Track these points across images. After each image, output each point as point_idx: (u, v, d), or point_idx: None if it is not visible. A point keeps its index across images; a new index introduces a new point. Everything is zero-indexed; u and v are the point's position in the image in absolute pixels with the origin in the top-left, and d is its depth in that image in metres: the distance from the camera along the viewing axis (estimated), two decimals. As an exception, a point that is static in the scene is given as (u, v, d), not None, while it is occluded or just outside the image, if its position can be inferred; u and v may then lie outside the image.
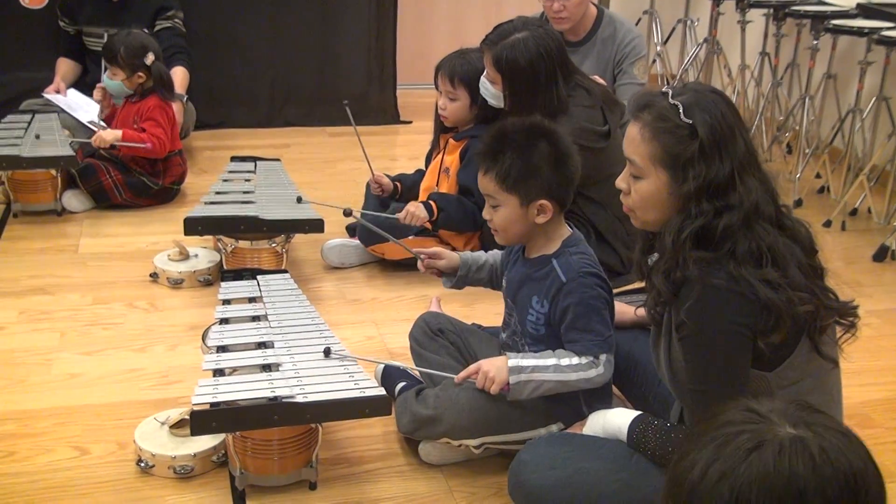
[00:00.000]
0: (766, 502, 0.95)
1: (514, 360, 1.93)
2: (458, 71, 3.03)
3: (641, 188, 1.70)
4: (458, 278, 2.24)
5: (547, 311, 1.99)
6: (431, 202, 2.98)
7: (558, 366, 1.92)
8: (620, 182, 1.76)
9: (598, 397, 2.03)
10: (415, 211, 2.95)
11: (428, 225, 3.00)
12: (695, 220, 1.62)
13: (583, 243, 2.04)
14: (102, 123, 3.75)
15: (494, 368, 1.93)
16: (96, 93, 3.82)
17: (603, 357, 1.94)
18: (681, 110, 1.63)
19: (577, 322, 1.94)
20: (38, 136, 3.60)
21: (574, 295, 1.94)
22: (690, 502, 0.99)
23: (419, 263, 2.26)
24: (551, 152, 1.96)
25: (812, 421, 1.01)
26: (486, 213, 2.04)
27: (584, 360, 1.93)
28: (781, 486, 0.95)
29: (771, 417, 1.01)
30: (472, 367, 1.96)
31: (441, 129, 3.21)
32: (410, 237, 3.07)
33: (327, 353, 2.05)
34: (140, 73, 3.55)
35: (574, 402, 2.02)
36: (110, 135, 3.53)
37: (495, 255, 2.26)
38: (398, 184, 3.26)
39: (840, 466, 0.96)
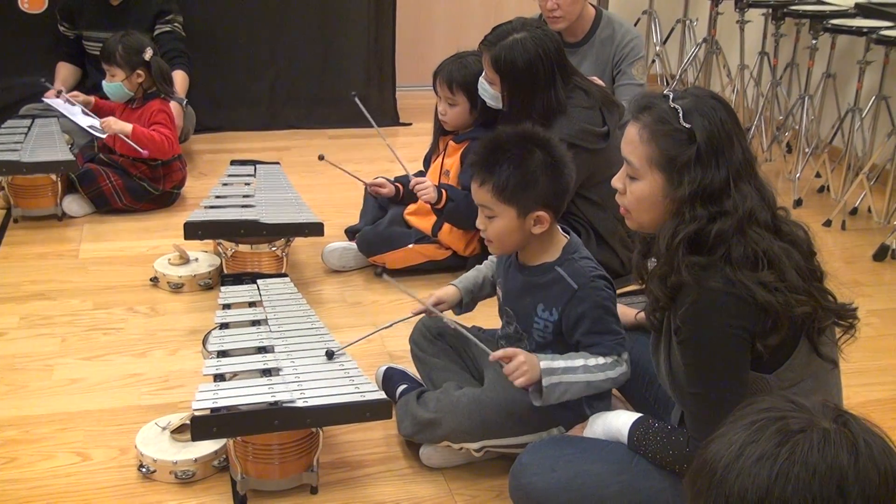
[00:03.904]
0: (804, 487, 0.95)
1: (546, 363, 1.89)
2: (457, 77, 3.02)
3: (637, 189, 1.71)
4: (465, 306, 2.22)
5: (556, 320, 1.98)
6: (443, 190, 2.98)
7: (587, 366, 1.92)
8: (616, 182, 1.76)
9: (598, 397, 2.04)
10: (430, 188, 2.95)
11: (425, 228, 3.01)
12: (688, 224, 1.62)
13: (583, 248, 2.04)
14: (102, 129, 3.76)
15: (530, 364, 1.88)
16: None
17: (624, 355, 1.95)
18: (680, 114, 1.63)
19: (595, 326, 1.94)
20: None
21: (588, 301, 1.94)
22: (724, 480, 0.99)
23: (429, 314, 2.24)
24: (547, 161, 1.94)
25: (852, 419, 1.01)
26: (481, 223, 2.01)
27: (609, 360, 1.93)
28: (823, 473, 0.95)
29: (812, 410, 1.02)
30: (511, 351, 1.89)
31: (441, 131, 3.21)
32: (410, 245, 3.07)
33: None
34: (139, 72, 3.54)
35: (576, 404, 2.01)
36: (118, 125, 3.51)
37: (489, 265, 2.25)
38: (399, 186, 3.26)
39: (882, 463, 0.97)
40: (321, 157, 3.07)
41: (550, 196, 1.95)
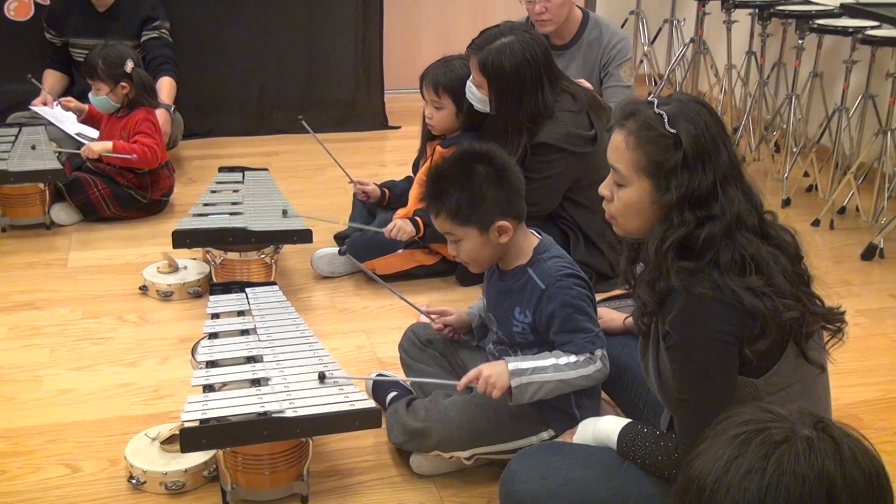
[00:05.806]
0: (795, 497, 0.95)
1: (514, 364, 1.92)
2: (442, 80, 3.02)
3: (624, 196, 1.71)
4: (477, 329, 2.24)
5: (531, 321, 2.00)
6: (417, 218, 2.98)
7: (557, 365, 1.92)
8: (603, 189, 1.77)
9: (588, 397, 2.04)
10: (402, 226, 2.95)
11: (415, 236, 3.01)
12: (677, 229, 1.62)
13: (555, 247, 2.05)
14: (91, 136, 3.74)
15: (495, 374, 1.91)
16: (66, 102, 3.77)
17: (598, 353, 1.95)
18: (665, 120, 1.63)
19: (565, 324, 1.95)
20: (33, 147, 3.58)
21: (556, 299, 1.95)
22: (714, 497, 0.99)
23: (433, 325, 2.27)
24: (490, 172, 1.96)
25: (831, 424, 1.02)
26: (451, 250, 2.05)
27: (581, 357, 1.94)
28: (812, 481, 0.96)
29: (791, 419, 1.02)
30: (473, 373, 1.94)
31: (428, 136, 3.21)
32: (399, 251, 3.07)
33: (322, 378, 2.03)
34: (123, 84, 3.52)
35: (565, 405, 2.02)
36: (99, 146, 3.50)
37: None
38: (386, 190, 3.25)
39: (865, 466, 0.98)
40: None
41: (504, 204, 1.96)
